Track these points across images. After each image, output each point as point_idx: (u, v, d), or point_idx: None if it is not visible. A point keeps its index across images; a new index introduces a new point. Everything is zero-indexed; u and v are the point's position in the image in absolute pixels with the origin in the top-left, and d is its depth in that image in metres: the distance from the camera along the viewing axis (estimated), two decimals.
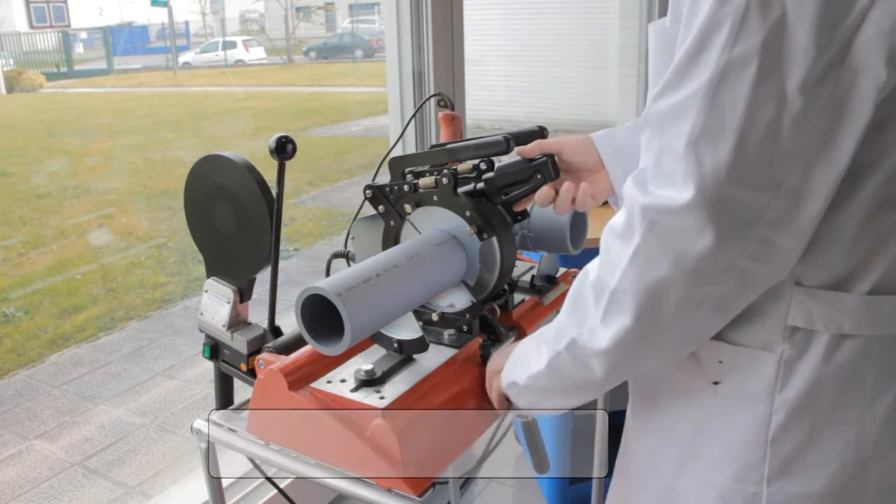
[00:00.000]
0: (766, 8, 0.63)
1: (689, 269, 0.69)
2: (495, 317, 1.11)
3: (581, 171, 1.03)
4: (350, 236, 1.13)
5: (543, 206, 1.00)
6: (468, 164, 1.04)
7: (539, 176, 0.98)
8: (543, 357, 0.85)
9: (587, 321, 0.77)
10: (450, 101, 1.38)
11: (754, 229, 0.68)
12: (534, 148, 1.01)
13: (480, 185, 1.03)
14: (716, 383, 0.82)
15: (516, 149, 1.02)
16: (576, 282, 0.81)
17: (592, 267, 0.78)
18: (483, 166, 1.04)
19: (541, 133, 1.09)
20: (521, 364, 0.91)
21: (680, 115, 0.67)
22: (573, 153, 1.02)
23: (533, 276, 1.27)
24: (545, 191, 0.98)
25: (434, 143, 1.17)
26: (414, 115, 2.26)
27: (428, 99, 2.23)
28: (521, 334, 1.19)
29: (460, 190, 1.03)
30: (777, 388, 0.78)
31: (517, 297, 1.21)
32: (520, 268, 1.31)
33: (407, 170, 1.08)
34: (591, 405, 1.13)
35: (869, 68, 0.64)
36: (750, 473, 0.80)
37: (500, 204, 1.04)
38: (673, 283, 0.70)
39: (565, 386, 0.86)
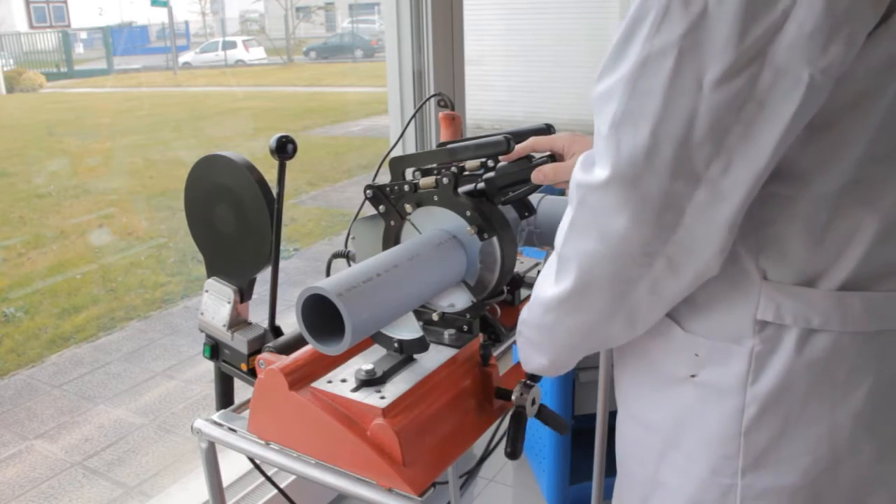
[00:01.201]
0: (688, 1, 0.64)
1: (613, 245, 0.73)
2: (495, 316, 1.11)
3: None
4: (350, 236, 1.13)
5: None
6: (476, 162, 1.05)
7: None
8: (525, 311, 0.90)
9: (549, 275, 0.83)
10: (450, 101, 1.38)
11: (674, 217, 0.70)
12: (542, 144, 1.02)
13: (481, 185, 1.03)
14: (693, 376, 0.83)
15: (525, 144, 1.04)
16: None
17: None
18: (490, 163, 1.05)
19: (547, 131, 1.10)
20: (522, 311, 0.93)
21: (608, 99, 0.70)
22: (581, 151, 1.03)
23: (539, 273, 1.27)
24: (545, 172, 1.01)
25: (438, 142, 1.17)
26: (414, 116, 2.27)
27: (428, 99, 2.23)
28: None
29: (461, 189, 1.03)
30: (749, 381, 0.79)
31: (523, 292, 1.21)
32: (526, 264, 1.32)
33: (411, 169, 1.08)
34: (592, 405, 1.13)
35: (791, 69, 0.64)
36: (725, 465, 0.82)
37: (501, 204, 1.04)
38: (602, 257, 0.74)
39: (536, 340, 0.89)
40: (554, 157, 0.99)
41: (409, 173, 1.09)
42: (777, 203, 0.73)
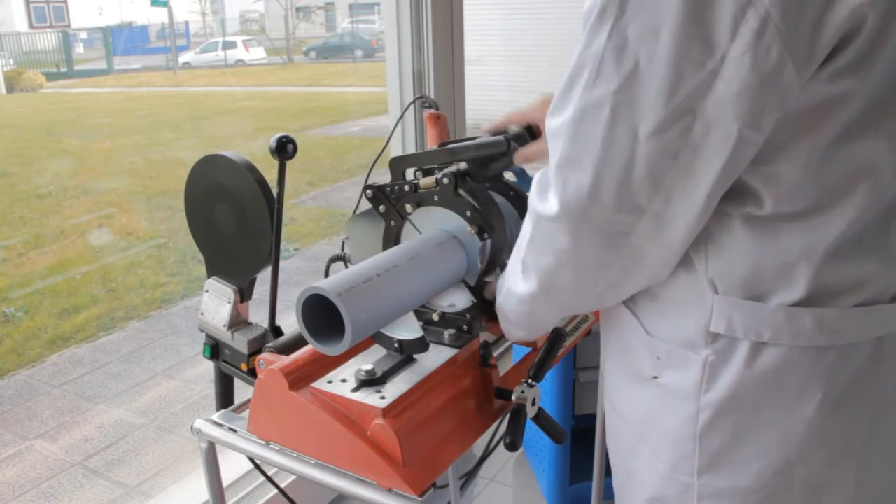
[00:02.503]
0: (619, 58, 0.68)
1: (567, 263, 0.79)
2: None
3: None
4: (345, 237, 1.13)
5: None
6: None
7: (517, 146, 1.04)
8: (501, 294, 0.96)
9: (516, 273, 0.89)
10: (434, 103, 1.42)
11: (623, 241, 0.75)
12: (516, 117, 1.09)
13: (463, 165, 1.03)
14: (655, 377, 0.86)
15: (499, 120, 1.11)
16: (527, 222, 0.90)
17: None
18: None
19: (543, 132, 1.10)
20: (498, 290, 0.99)
21: (555, 138, 0.75)
22: None
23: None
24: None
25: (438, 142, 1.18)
26: (401, 118, 2.27)
27: (412, 102, 2.23)
28: None
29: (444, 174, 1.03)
30: (702, 389, 0.81)
31: None
32: None
33: (412, 169, 1.08)
34: (592, 405, 1.12)
35: (720, 124, 0.67)
36: (683, 465, 0.85)
37: (484, 180, 1.06)
38: (558, 270, 0.81)
39: (515, 321, 0.96)
40: (531, 127, 1.04)
41: (409, 173, 1.09)
42: (726, 222, 0.76)
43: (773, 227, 0.75)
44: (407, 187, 1.04)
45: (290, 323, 1.00)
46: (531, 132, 1.06)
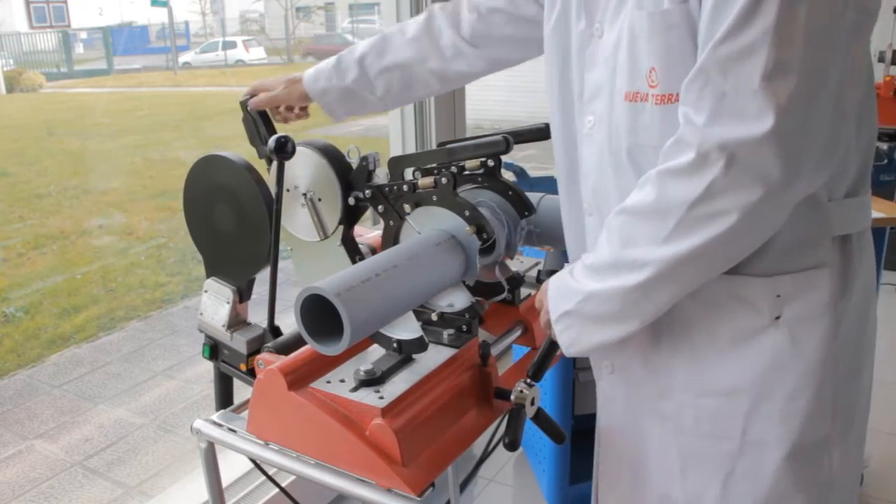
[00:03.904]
0: None
1: (767, 195, 0.76)
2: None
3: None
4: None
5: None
6: (475, 162, 1.06)
7: None
8: (604, 281, 0.87)
9: (641, 248, 0.83)
10: None
11: (831, 154, 0.83)
12: (264, 100, 1.23)
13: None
14: (777, 318, 0.88)
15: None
16: (612, 221, 0.86)
17: (630, 203, 0.84)
18: (490, 163, 1.06)
19: (547, 131, 1.10)
20: (564, 295, 0.93)
21: (748, 55, 0.73)
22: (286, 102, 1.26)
23: (539, 272, 1.28)
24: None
25: (438, 142, 1.18)
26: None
27: None
28: (527, 329, 1.20)
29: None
30: (838, 297, 0.88)
31: (524, 291, 1.22)
32: (525, 263, 1.32)
33: (410, 169, 1.08)
34: (592, 405, 1.12)
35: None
36: (825, 388, 0.89)
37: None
38: (755, 204, 0.76)
39: (616, 312, 0.88)
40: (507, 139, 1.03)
41: (408, 173, 1.09)
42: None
43: (852, 126, 0.85)
44: (405, 187, 1.04)
45: (289, 323, 1.00)
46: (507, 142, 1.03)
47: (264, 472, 1.22)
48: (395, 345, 0.98)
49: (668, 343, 0.95)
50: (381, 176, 1.08)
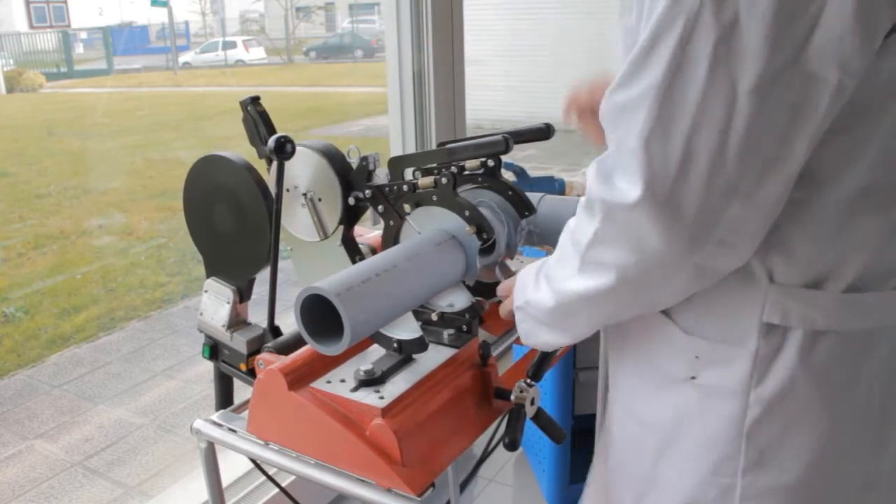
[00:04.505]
0: (719, 9, 0.63)
1: (647, 258, 0.71)
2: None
3: None
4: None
5: None
6: (475, 162, 1.06)
7: None
8: (541, 291, 0.87)
9: (565, 270, 0.81)
10: None
11: (710, 232, 0.69)
12: None
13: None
14: (693, 378, 0.83)
15: None
16: (563, 233, 0.84)
17: (572, 222, 0.81)
18: (490, 163, 1.05)
19: (547, 131, 1.10)
20: (521, 290, 0.92)
21: (632, 111, 0.68)
22: None
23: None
24: None
25: (438, 142, 1.18)
26: None
27: None
28: None
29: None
30: (752, 384, 0.79)
31: None
32: (526, 263, 1.31)
33: (410, 169, 1.08)
34: (592, 405, 1.12)
35: (822, 73, 0.64)
36: (726, 466, 0.82)
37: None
38: (636, 266, 0.73)
39: (547, 321, 0.88)
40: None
41: (408, 173, 1.09)
42: (789, 206, 0.73)
43: (835, 211, 0.73)
44: (405, 187, 1.04)
45: (289, 323, 1.00)
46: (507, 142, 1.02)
47: (264, 472, 1.22)
48: (395, 345, 0.98)
49: (614, 357, 0.96)
50: (381, 176, 1.08)
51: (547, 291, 0.85)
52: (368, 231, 1.30)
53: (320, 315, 0.84)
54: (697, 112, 0.65)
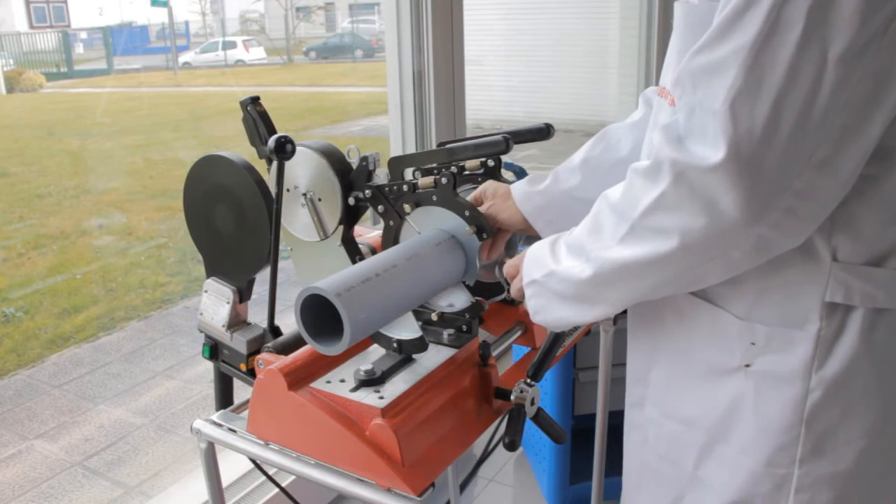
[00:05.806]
0: None
1: (719, 223, 0.69)
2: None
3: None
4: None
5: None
6: (475, 162, 1.06)
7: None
8: (570, 261, 0.84)
9: (603, 240, 0.79)
10: None
11: (781, 198, 0.68)
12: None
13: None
14: (747, 366, 0.82)
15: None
16: (598, 203, 0.82)
17: (614, 192, 0.79)
18: (490, 163, 1.06)
19: (547, 131, 1.10)
20: (536, 264, 0.89)
21: (718, 72, 0.67)
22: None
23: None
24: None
25: (438, 142, 1.17)
26: None
27: None
28: (526, 330, 1.20)
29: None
30: (814, 367, 0.78)
31: None
32: None
33: (410, 169, 1.08)
34: (592, 405, 1.12)
35: None
36: (782, 456, 0.81)
37: None
38: (706, 232, 0.70)
39: (574, 294, 0.85)
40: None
41: (408, 173, 1.09)
42: (860, 183, 0.73)
43: None
44: (405, 187, 1.04)
45: (289, 323, 1.00)
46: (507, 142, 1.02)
47: (264, 472, 1.22)
48: (395, 345, 0.98)
49: (647, 354, 0.94)
50: (381, 176, 1.08)
51: (579, 261, 0.82)
52: (368, 231, 1.30)
53: (320, 315, 0.84)
54: (787, 75, 0.65)
